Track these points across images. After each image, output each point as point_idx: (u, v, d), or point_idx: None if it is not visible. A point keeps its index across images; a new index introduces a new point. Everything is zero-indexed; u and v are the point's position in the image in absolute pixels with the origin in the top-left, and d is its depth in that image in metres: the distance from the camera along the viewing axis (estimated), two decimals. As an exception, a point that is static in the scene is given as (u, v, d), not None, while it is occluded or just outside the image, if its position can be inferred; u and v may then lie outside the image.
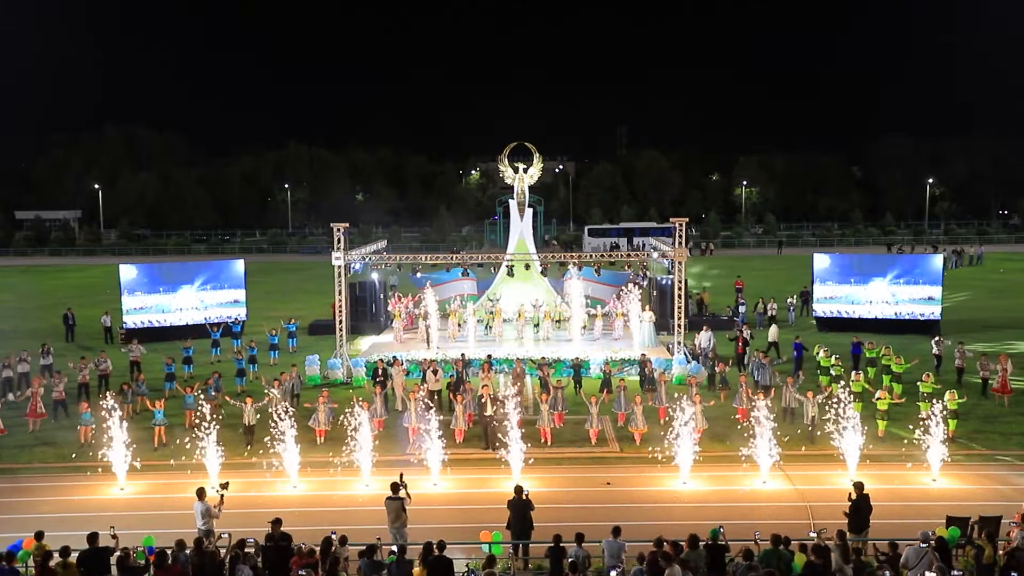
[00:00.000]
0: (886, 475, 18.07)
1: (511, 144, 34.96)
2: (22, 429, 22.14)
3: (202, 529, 14.00)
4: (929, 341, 28.18)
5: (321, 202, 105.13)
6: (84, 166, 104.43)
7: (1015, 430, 21.32)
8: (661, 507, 16.83)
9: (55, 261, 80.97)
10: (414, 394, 21.22)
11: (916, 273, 33.88)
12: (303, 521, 15.06)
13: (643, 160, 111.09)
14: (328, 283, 32.86)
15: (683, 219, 28.91)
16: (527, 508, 14.35)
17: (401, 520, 14.32)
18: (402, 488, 14.53)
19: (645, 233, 69.75)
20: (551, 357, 26.91)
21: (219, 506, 14.30)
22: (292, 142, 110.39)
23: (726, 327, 32.94)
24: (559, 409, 21.71)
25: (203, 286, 35.40)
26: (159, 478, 18.67)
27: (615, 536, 12.84)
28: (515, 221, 34.55)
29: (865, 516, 14.19)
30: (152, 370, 27.30)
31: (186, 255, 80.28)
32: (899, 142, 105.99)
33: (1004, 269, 59.01)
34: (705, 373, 26.02)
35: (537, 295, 33.23)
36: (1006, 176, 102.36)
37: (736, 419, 21.40)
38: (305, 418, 21.01)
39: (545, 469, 18.89)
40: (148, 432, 20.92)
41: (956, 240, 79.68)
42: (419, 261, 32.06)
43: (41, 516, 16.16)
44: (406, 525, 14.38)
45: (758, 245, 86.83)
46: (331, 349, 29.06)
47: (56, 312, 38.20)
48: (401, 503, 14.36)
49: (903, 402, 22.11)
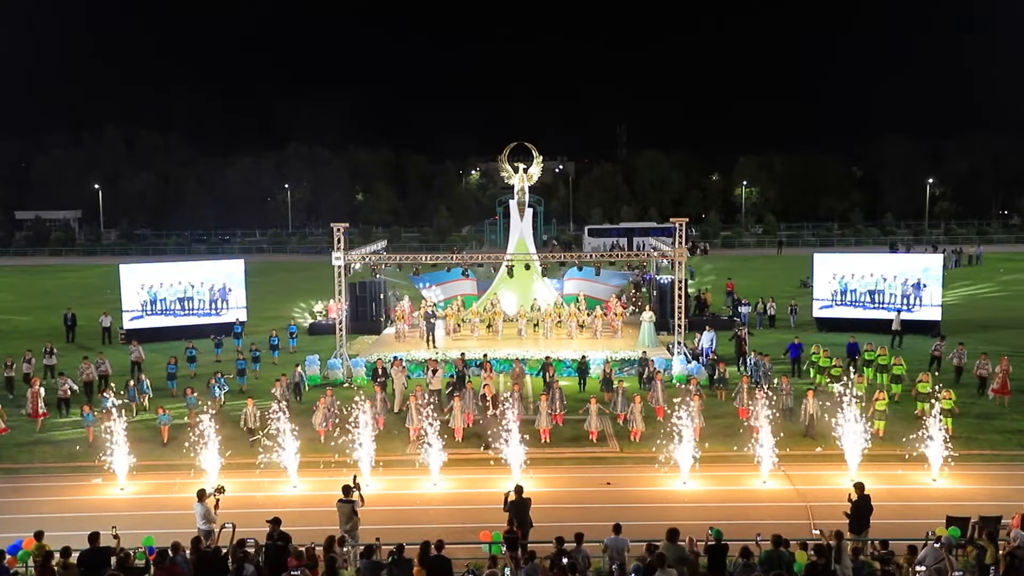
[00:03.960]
0: (886, 475, 18.08)
1: (511, 144, 34.99)
2: (23, 429, 22.15)
3: (202, 530, 14.01)
4: (929, 341, 28.21)
5: (321, 202, 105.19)
6: (84, 166, 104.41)
7: (1014, 429, 21.33)
8: (661, 507, 16.82)
9: (55, 261, 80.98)
10: (414, 395, 21.23)
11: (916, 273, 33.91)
12: (303, 521, 15.08)
13: (643, 160, 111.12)
14: (328, 283, 32.86)
15: (683, 219, 28.92)
16: (527, 507, 14.35)
17: (352, 523, 14.19)
18: (355, 491, 14.46)
19: (645, 233, 69.74)
20: (552, 357, 26.92)
21: (215, 509, 14.31)
22: (292, 142, 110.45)
23: (726, 327, 32.95)
24: (559, 409, 21.73)
25: (203, 286, 35.44)
26: (159, 478, 18.68)
27: (616, 534, 12.88)
28: (515, 221, 34.56)
29: (866, 517, 14.19)
30: (152, 370, 27.28)
31: (186, 255, 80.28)
32: (899, 142, 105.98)
33: (1004, 269, 59.01)
34: (705, 373, 26.04)
35: (537, 295, 33.24)
36: (1006, 176, 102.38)
37: (737, 419, 21.42)
38: (307, 414, 21.02)
39: (545, 469, 18.90)
40: (151, 432, 20.93)
41: (956, 240, 79.65)
42: (419, 261, 32.06)
43: (41, 516, 16.18)
44: (357, 528, 14.24)
45: (758, 245, 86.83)
46: (331, 349, 29.08)
47: (56, 312, 38.22)
48: (352, 506, 14.27)
49: (899, 403, 22.12)
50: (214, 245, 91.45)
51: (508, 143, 35.05)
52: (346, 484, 14.60)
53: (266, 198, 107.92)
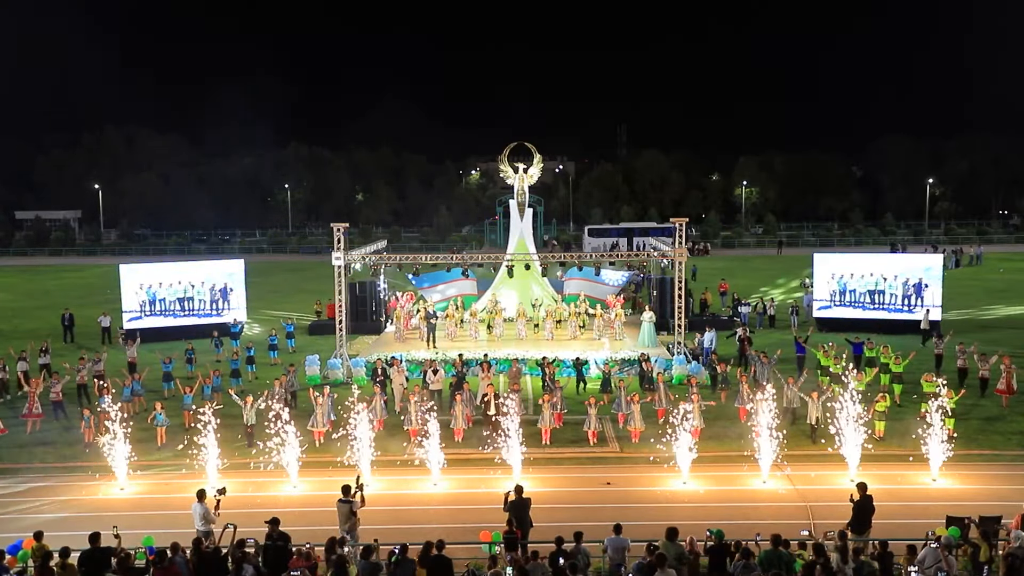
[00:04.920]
0: (886, 475, 18.06)
1: (511, 144, 34.99)
2: (22, 429, 22.14)
3: (201, 530, 14.00)
4: (930, 340, 28.18)
5: (321, 202, 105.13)
6: (84, 166, 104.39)
7: (1015, 430, 21.32)
8: (661, 507, 16.81)
9: (55, 261, 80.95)
10: (413, 395, 21.22)
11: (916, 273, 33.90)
12: (303, 521, 15.06)
13: (643, 160, 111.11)
14: (328, 283, 32.83)
15: (683, 219, 28.90)
16: (527, 507, 14.35)
17: (350, 523, 14.18)
18: (358, 492, 14.46)
19: (645, 233, 69.69)
20: (551, 357, 26.90)
21: (216, 510, 14.30)
22: (292, 142, 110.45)
23: (726, 327, 32.95)
24: (559, 409, 21.72)
25: (203, 286, 35.43)
26: (159, 478, 18.69)
27: (617, 534, 12.88)
28: (515, 221, 34.56)
29: (867, 517, 14.18)
30: (149, 370, 27.21)
31: (186, 255, 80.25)
32: (899, 142, 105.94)
33: (1004, 269, 59.00)
34: (706, 373, 26.02)
35: (537, 295, 33.22)
36: (1006, 176, 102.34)
37: (739, 418, 21.42)
38: (305, 416, 21.01)
39: (545, 469, 18.90)
40: (147, 433, 20.91)
41: (956, 240, 79.64)
42: (419, 261, 32.04)
43: (41, 516, 16.19)
44: (356, 528, 14.23)
45: (758, 245, 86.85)
46: (331, 349, 29.06)
47: (56, 312, 38.19)
48: (350, 506, 14.26)
49: (900, 403, 22.10)
50: (214, 245, 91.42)
51: (508, 143, 35.08)
52: (345, 484, 14.59)
53: (266, 198, 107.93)
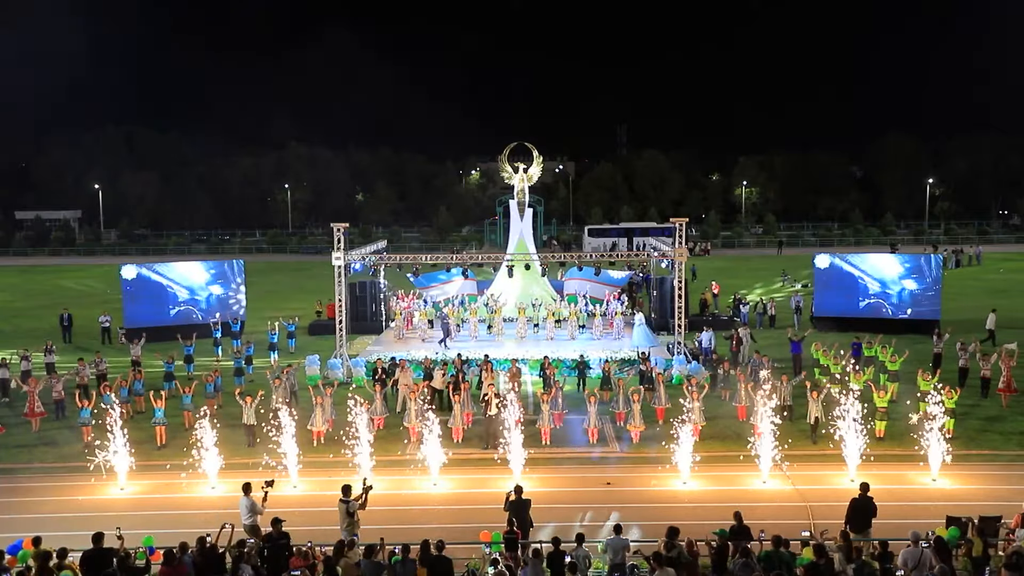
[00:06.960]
0: (886, 475, 18.06)
1: (511, 144, 35.00)
2: (22, 429, 22.13)
3: (247, 524, 14.11)
4: (931, 340, 28.17)
5: (321, 202, 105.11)
6: (84, 166, 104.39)
7: (1015, 430, 21.31)
8: (661, 507, 16.81)
9: (55, 261, 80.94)
10: (414, 393, 21.21)
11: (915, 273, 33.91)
12: (303, 521, 15.06)
13: (643, 160, 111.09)
14: (328, 283, 32.84)
15: (683, 219, 28.91)
16: (527, 507, 14.35)
17: (347, 524, 14.17)
18: (364, 495, 14.48)
19: (645, 233, 69.77)
20: (552, 357, 26.91)
21: (263, 503, 14.36)
22: (292, 142, 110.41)
23: (726, 327, 32.95)
24: (559, 409, 21.72)
25: (204, 285, 35.43)
26: (159, 478, 18.65)
27: (616, 534, 12.88)
28: (515, 221, 34.58)
29: (868, 516, 14.18)
30: (150, 370, 27.24)
31: (186, 255, 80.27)
32: (899, 142, 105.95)
33: (1004, 269, 59.00)
34: (706, 373, 26.02)
35: (537, 295, 33.23)
36: (1006, 176, 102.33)
37: (738, 418, 21.42)
38: (305, 417, 21.01)
39: (545, 469, 18.90)
40: (147, 432, 20.91)
41: (956, 240, 79.65)
42: (419, 261, 32.06)
43: (41, 516, 16.19)
44: (355, 529, 14.15)
45: (758, 245, 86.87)
46: (331, 349, 29.06)
47: (56, 312, 38.18)
48: (347, 507, 14.25)
49: (896, 403, 22.09)
50: (214, 245, 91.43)
51: (508, 143, 35.08)
52: (346, 484, 14.59)
53: (266, 198, 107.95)
